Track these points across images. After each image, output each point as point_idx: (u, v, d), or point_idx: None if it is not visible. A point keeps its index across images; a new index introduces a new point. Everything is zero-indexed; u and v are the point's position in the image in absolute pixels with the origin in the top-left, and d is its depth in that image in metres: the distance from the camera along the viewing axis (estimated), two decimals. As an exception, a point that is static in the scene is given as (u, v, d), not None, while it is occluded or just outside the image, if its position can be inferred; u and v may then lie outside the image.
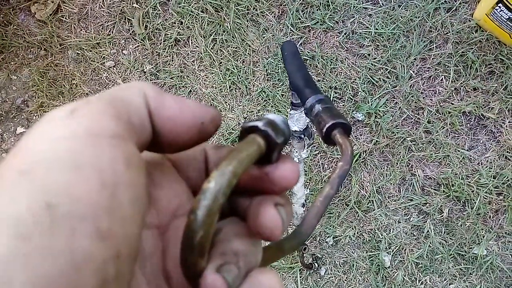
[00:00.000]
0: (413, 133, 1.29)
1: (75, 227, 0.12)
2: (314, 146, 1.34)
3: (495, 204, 1.26)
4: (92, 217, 0.12)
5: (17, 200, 0.12)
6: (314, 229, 0.21)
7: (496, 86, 1.26)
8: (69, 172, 0.13)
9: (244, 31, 1.37)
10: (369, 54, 1.31)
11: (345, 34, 1.33)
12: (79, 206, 0.12)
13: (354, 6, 1.31)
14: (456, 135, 1.29)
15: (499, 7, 1.16)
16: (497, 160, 1.26)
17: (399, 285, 1.28)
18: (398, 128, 1.30)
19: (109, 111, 0.15)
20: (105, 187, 0.13)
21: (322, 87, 1.33)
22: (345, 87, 1.32)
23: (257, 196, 0.18)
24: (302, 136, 0.76)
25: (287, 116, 0.85)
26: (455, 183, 1.26)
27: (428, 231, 1.28)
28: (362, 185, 1.32)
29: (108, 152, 0.14)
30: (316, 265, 1.30)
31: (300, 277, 1.33)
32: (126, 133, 0.15)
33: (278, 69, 1.34)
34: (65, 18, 1.48)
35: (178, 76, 1.42)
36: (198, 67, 1.41)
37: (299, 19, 1.34)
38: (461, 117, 1.29)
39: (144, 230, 0.17)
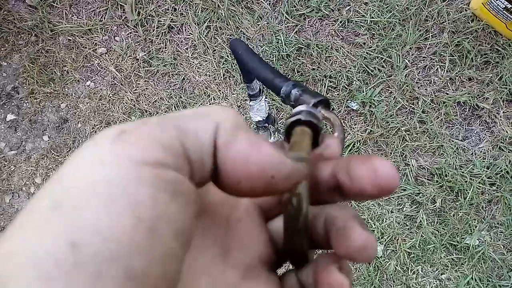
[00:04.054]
0: (408, 123, 1.28)
1: (101, 270, 0.11)
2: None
3: (488, 194, 1.26)
4: (124, 257, 0.11)
5: (43, 238, 0.11)
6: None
7: (491, 76, 1.25)
8: (101, 206, 0.12)
9: (239, 19, 1.35)
10: (364, 43, 1.30)
11: (340, 22, 1.31)
12: (108, 245, 0.11)
13: (350, -6, 1.30)
14: (451, 125, 1.28)
15: (496, -4, 1.15)
16: (490, 151, 1.26)
17: (391, 274, 1.28)
18: (393, 117, 1.29)
19: (161, 137, 0.14)
20: (141, 222, 0.12)
21: (317, 76, 1.31)
22: (340, 76, 1.31)
23: (320, 259, 0.17)
24: (267, 125, 0.77)
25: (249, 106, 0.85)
26: (448, 173, 1.26)
27: (420, 221, 1.28)
28: (355, 175, 1.31)
29: (149, 182, 0.12)
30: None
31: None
32: (174, 162, 0.14)
33: (273, 57, 1.33)
34: (56, 4, 1.45)
35: (171, 63, 1.40)
36: (191, 55, 1.39)
37: (294, 6, 1.33)
38: (455, 107, 1.28)
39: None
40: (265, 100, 0.71)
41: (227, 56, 1.36)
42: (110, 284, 0.11)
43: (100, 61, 1.44)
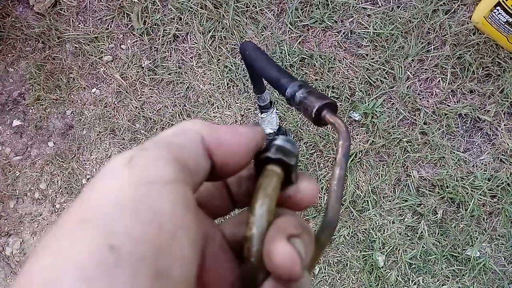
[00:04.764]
0: (409, 134, 1.29)
1: (138, 268, 0.12)
2: (311, 145, 1.34)
3: (489, 206, 1.27)
4: (152, 258, 0.13)
5: (79, 245, 0.13)
6: (340, 213, 0.22)
7: (493, 89, 1.26)
8: (129, 217, 0.13)
9: (243, 29, 1.37)
10: (367, 54, 1.32)
11: (343, 33, 1.33)
12: (140, 247, 0.13)
13: (353, 6, 1.31)
14: (452, 137, 1.29)
15: (497, 10, 1.17)
16: (492, 163, 1.27)
17: (392, 285, 1.29)
18: (395, 128, 1.30)
19: (165, 156, 0.16)
20: (163, 230, 0.14)
21: (319, 86, 1.33)
22: (342, 87, 1.32)
23: (269, 231, 0.17)
24: (277, 137, 0.77)
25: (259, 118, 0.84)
26: (449, 184, 1.27)
27: (422, 232, 1.29)
28: (357, 185, 1.32)
29: (167, 197, 0.14)
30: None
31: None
32: (183, 177, 0.16)
33: (276, 67, 1.34)
34: (64, 11, 1.48)
35: (176, 72, 1.41)
36: (196, 64, 1.41)
37: (298, 17, 1.34)
38: (457, 119, 1.29)
39: None
40: (275, 112, 0.71)
41: (231, 65, 1.38)
42: (144, 281, 0.12)
43: (106, 69, 1.46)
